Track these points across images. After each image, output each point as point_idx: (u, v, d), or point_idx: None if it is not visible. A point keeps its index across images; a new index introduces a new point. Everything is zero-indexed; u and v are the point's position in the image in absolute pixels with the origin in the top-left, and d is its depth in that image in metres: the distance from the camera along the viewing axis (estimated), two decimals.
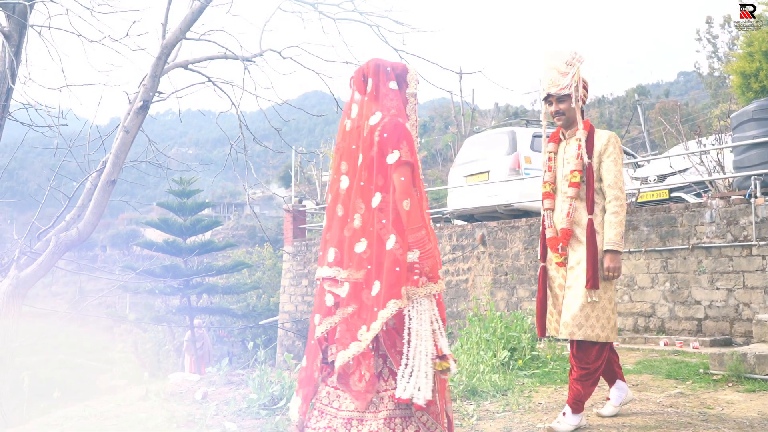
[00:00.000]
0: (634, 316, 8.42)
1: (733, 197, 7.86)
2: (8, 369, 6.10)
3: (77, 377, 26.35)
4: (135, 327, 18.80)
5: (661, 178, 9.93)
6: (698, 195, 9.37)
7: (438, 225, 12.34)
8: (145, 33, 6.17)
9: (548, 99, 3.84)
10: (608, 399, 4.11)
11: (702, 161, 9.06)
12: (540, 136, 10.86)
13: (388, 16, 6.81)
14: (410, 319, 2.74)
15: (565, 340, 3.92)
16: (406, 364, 2.70)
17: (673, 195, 9.62)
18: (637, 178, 10.20)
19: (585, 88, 3.84)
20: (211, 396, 5.17)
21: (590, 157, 3.74)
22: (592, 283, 3.60)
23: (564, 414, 3.74)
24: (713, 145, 9.26)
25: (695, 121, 36.74)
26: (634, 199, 10.05)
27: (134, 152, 7.41)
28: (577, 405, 3.70)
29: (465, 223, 11.93)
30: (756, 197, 7.56)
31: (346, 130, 2.99)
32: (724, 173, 8.89)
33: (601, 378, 3.99)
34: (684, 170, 9.65)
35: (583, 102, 3.83)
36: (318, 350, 2.89)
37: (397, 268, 2.71)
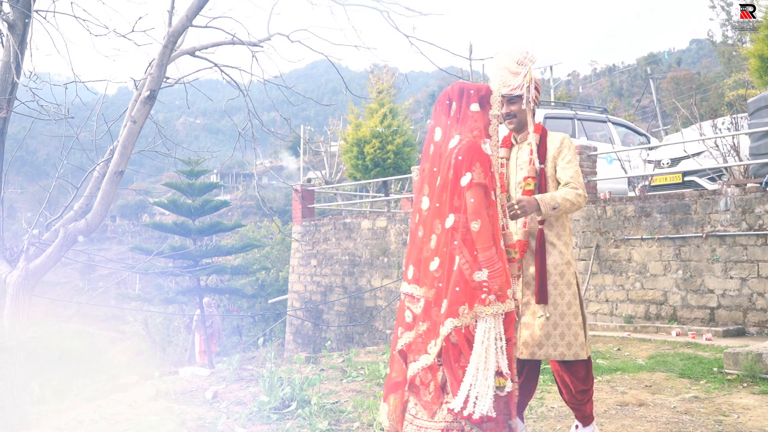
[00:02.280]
0: (646, 304, 8.37)
1: (748, 185, 7.73)
2: (19, 361, 6.11)
3: (90, 347, 26.65)
4: (145, 302, 18.96)
5: (675, 161, 9.78)
6: (712, 179, 9.23)
7: None
8: (152, 28, 6.04)
9: None
10: None
11: (717, 145, 8.90)
12: (551, 118, 10.70)
13: (398, 2, 6.64)
14: (475, 336, 2.83)
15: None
16: (466, 379, 2.80)
17: (686, 179, 9.48)
18: (650, 161, 10.05)
19: (537, 89, 3.59)
20: (222, 394, 5.17)
21: (543, 162, 3.51)
22: (539, 297, 3.39)
23: (576, 427, 3.68)
24: (728, 129, 9.09)
25: (708, 92, 36.25)
26: (647, 183, 9.93)
27: (142, 134, 7.34)
28: (585, 419, 3.64)
29: None
30: None
31: (429, 153, 3.11)
32: (740, 159, 8.73)
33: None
34: (698, 154, 9.49)
35: (535, 104, 3.59)
36: (401, 361, 3.07)
37: (457, 288, 2.83)
